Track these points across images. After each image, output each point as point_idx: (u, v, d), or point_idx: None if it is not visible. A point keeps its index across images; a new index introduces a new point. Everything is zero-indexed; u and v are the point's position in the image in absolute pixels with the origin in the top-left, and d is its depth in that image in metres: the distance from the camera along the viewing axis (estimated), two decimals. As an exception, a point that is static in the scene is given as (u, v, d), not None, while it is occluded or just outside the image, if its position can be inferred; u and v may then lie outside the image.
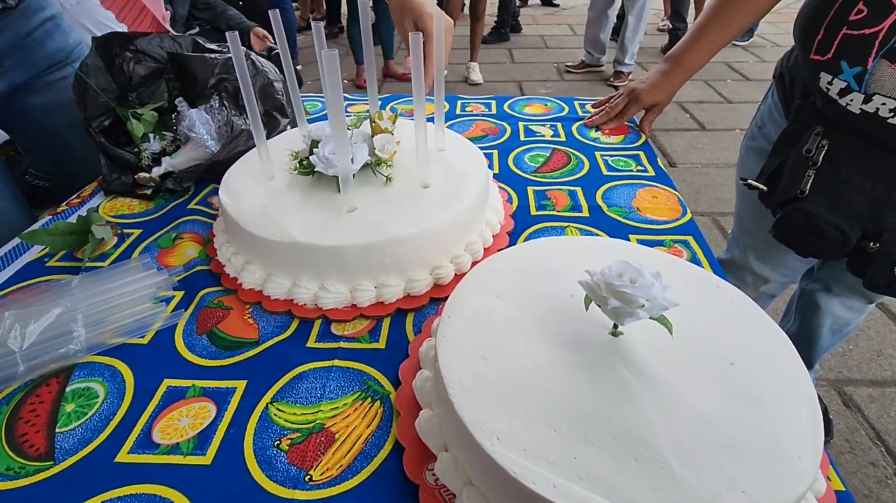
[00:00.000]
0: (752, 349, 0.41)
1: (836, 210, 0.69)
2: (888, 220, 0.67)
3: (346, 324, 0.57)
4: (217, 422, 0.47)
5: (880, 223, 0.67)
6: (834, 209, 0.69)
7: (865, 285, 0.70)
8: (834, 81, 0.64)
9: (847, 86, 0.63)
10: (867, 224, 0.68)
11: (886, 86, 0.60)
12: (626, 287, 0.38)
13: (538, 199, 0.78)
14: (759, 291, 1.09)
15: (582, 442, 0.35)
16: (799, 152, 0.71)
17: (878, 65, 0.59)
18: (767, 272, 1.03)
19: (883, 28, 0.59)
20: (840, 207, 0.69)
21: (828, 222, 0.68)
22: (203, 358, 0.53)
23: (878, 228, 0.67)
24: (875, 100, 0.61)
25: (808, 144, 0.70)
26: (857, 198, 0.68)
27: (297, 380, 0.51)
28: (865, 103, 0.62)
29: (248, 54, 0.90)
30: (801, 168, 0.71)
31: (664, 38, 4.31)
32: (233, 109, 0.83)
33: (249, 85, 0.61)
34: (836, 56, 0.64)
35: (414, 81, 0.57)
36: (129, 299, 0.58)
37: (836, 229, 0.68)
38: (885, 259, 0.67)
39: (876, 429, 1.32)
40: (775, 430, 0.35)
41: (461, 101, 1.13)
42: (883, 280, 0.68)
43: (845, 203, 0.68)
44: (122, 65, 0.83)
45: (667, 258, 0.52)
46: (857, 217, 0.68)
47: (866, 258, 0.69)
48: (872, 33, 0.60)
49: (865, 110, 0.63)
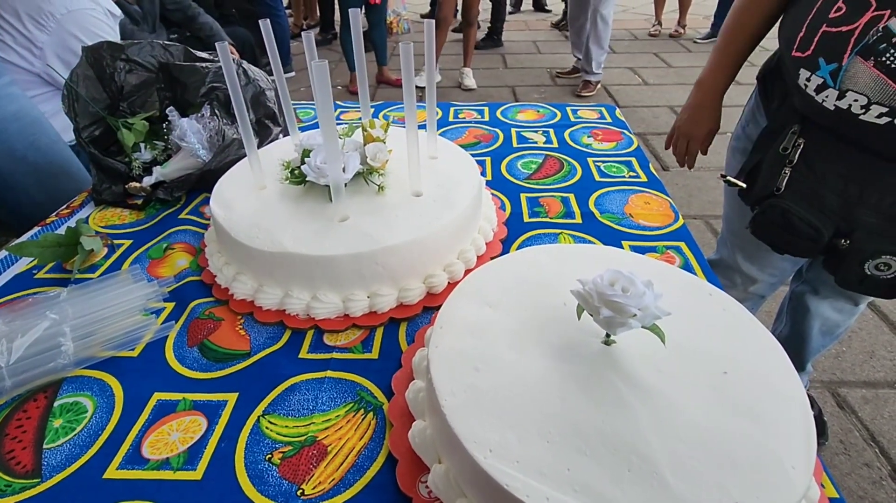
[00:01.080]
0: (744, 357, 0.41)
1: (810, 207, 0.70)
2: (860, 218, 0.68)
3: (339, 334, 0.57)
4: (208, 436, 0.46)
5: (852, 221, 0.68)
6: (809, 206, 0.70)
7: (837, 282, 0.71)
8: (812, 78, 0.65)
9: (823, 82, 0.64)
10: (839, 222, 0.69)
11: (859, 82, 0.61)
12: (617, 296, 0.38)
13: (531, 206, 0.78)
14: (747, 292, 1.10)
15: (575, 453, 0.35)
16: (776, 150, 0.72)
17: (853, 62, 0.60)
18: (755, 272, 1.04)
19: (859, 25, 0.60)
20: (814, 205, 0.70)
21: (802, 219, 0.69)
22: (194, 370, 0.53)
23: (849, 226, 0.69)
24: (848, 96, 0.62)
25: (785, 142, 0.71)
26: (831, 195, 0.69)
27: (289, 392, 0.50)
28: (839, 100, 0.63)
29: (239, 62, 0.90)
30: (777, 166, 0.72)
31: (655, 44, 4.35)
32: (224, 118, 0.83)
33: (240, 94, 0.61)
34: (815, 53, 0.65)
35: (405, 90, 0.57)
36: (118, 311, 0.58)
37: (809, 226, 0.69)
38: (855, 256, 0.68)
39: (870, 430, 1.33)
40: (769, 440, 0.35)
41: (454, 108, 1.13)
42: (854, 277, 0.69)
43: (819, 200, 0.70)
44: (113, 74, 0.83)
45: (659, 265, 0.52)
46: (830, 214, 0.69)
47: (838, 255, 0.70)
48: (849, 30, 0.61)
49: (839, 107, 0.64)
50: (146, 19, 2.01)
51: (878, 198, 0.67)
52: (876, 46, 0.58)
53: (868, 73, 0.59)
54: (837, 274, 0.71)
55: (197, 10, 2.20)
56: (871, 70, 0.59)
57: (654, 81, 3.57)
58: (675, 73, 3.70)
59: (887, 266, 0.67)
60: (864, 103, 0.61)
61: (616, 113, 1.09)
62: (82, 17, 1.40)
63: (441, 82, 3.66)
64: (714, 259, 1.13)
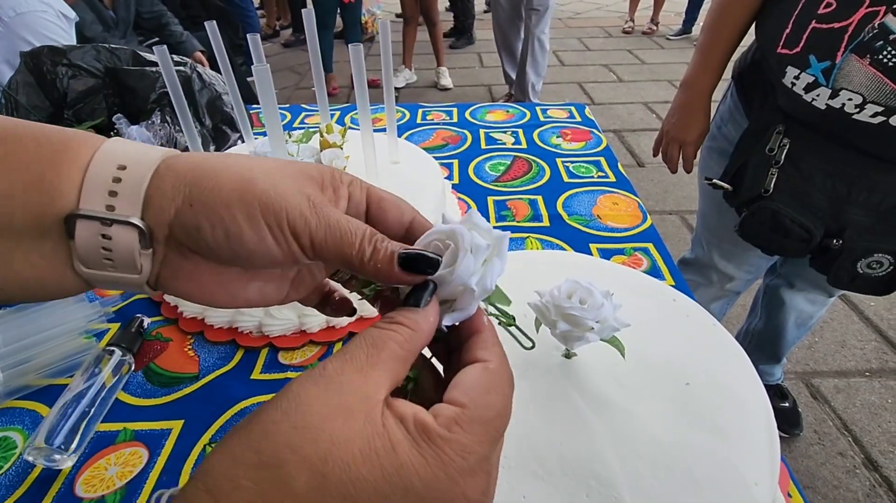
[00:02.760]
0: (707, 367, 0.40)
1: (800, 208, 0.69)
2: (849, 217, 0.67)
3: (295, 351, 0.54)
4: (148, 469, 0.43)
5: (842, 220, 0.68)
6: (799, 207, 0.69)
7: (830, 282, 0.71)
8: (801, 76, 0.64)
9: (814, 80, 0.62)
10: (829, 221, 0.68)
11: (854, 81, 0.59)
12: (574, 309, 0.36)
13: (498, 210, 0.77)
14: (724, 289, 1.10)
15: (532, 478, 0.33)
16: (761, 151, 0.71)
17: (847, 59, 0.59)
18: (732, 269, 1.04)
19: (852, 22, 0.58)
20: (804, 205, 0.69)
21: (793, 220, 0.68)
22: (137, 397, 0.49)
23: (839, 225, 0.68)
24: (842, 95, 0.60)
25: (771, 143, 0.70)
26: (819, 195, 0.68)
27: (240, 417, 0.47)
28: (832, 98, 0.62)
29: (193, 67, 0.86)
30: (764, 167, 0.71)
31: (628, 41, 4.40)
32: (176, 125, 0.79)
33: (183, 102, 0.57)
34: (805, 50, 0.63)
35: (357, 94, 0.55)
36: (56, 335, 0.54)
37: (801, 227, 0.68)
38: (848, 255, 0.68)
39: (843, 419, 1.35)
40: (732, 456, 0.34)
41: (422, 110, 1.11)
42: (846, 276, 0.69)
43: (808, 201, 0.69)
44: (55, 80, 0.78)
45: (623, 272, 0.50)
46: (819, 214, 0.68)
47: (830, 255, 0.69)
48: (842, 27, 0.59)
49: (831, 105, 0.62)
50: (119, 25, 1.94)
51: (867, 195, 0.66)
52: (872, 44, 0.56)
53: (863, 71, 0.58)
54: (829, 273, 0.70)
55: (170, 19, 2.15)
56: (867, 68, 0.57)
57: (629, 78, 3.60)
58: (648, 69, 3.73)
59: (879, 264, 0.67)
60: (858, 102, 0.59)
61: (586, 112, 1.08)
62: (32, 20, 1.34)
63: (416, 82, 3.64)
64: (689, 258, 1.13)
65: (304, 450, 0.16)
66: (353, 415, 0.17)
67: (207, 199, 0.20)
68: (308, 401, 0.17)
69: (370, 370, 0.18)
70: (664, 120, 0.95)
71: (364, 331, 0.20)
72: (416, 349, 0.20)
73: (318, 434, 0.16)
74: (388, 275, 0.21)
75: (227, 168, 0.21)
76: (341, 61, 3.80)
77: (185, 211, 0.20)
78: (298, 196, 0.21)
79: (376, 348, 0.19)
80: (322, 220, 0.21)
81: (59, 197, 0.19)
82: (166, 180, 0.20)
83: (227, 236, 0.20)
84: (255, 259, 0.21)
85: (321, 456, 0.16)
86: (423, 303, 0.21)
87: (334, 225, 0.21)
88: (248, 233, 0.20)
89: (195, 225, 0.20)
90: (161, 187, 0.20)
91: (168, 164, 0.20)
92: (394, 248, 0.21)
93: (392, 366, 0.19)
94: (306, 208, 0.21)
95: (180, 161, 0.21)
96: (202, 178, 0.20)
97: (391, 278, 0.21)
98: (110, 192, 0.19)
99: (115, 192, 0.19)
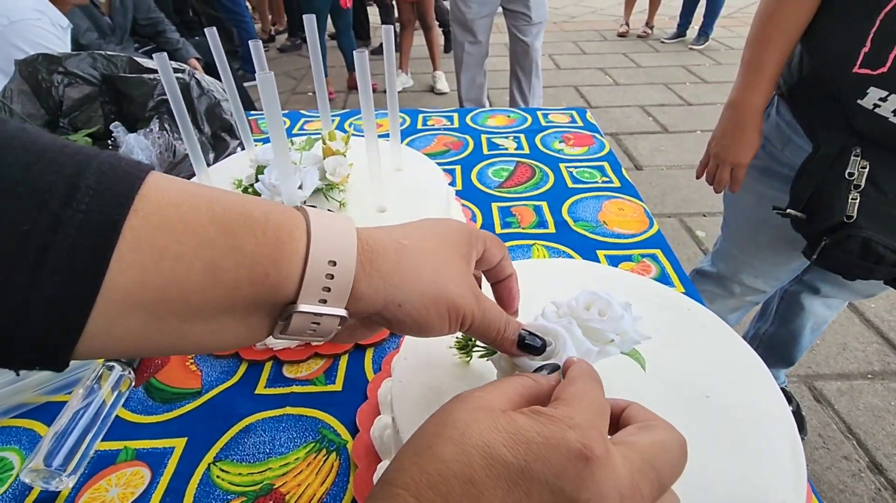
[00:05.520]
0: (727, 379, 0.39)
1: (888, 231, 0.65)
2: None
3: (300, 364, 0.53)
4: (151, 490, 0.42)
5: None
6: (887, 230, 0.65)
7: None
8: (890, 98, 0.60)
9: None
10: None
11: None
12: (594, 321, 0.35)
13: (503, 216, 0.76)
14: (745, 300, 1.09)
15: (552, 498, 0.32)
16: (839, 175, 0.67)
17: None
18: (759, 284, 1.03)
19: None
20: (891, 228, 0.66)
21: (886, 246, 0.65)
22: (138, 414, 0.48)
23: None
24: None
25: (850, 167, 0.66)
26: None
27: (244, 434, 0.46)
28: None
29: (192, 73, 0.85)
30: (842, 192, 0.67)
31: (624, 44, 4.42)
32: (175, 133, 0.78)
33: (184, 110, 0.56)
34: (895, 70, 0.58)
35: (362, 101, 0.54)
36: (53, 350, 0.52)
37: (894, 252, 0.65)
38: None
39: (847, 422, 1.35)
40: (756, 476, 0.33)
41: (423, 115, 1.10)
42: None
43: (895, 223, 0.66)
44: (50, 88, 0.77)
45: (636, 280, 0.49)
46: None
47: None
48: None
49: None
50: (115, 32, 1.93)
51: None
52: None
53: None
54: None
55: (167, 25, 2.14)
56: None
57: (625, 81, 3.62)
58: (644, 72, 3.75)
59: None
60: None
61: (587, 116, 1.08)
62: (26, 28, 1.32)
63: (413, 86, 3.63)
64: (709, 271, 1.11)
65: (448, 432, 0.21)
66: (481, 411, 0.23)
67: (414, 300, 0.26)
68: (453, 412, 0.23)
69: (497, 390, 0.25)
70: (711, 142, 0.90)
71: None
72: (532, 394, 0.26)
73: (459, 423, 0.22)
74: (509, 350, 0.31)
75: (422, 269, 0.27)
76: (337, 66, 3.80)
77: (394, 309, 0.26)
78: (471, 297, 0.28)
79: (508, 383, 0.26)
80: (480, 310, 0.28)
81: (281, 289, 0.23)
82: (374, 279, 0.25)
83: (419, 326, 0.27)
84: (426, 335, 0.28)
85: (461, 430, 0.21)
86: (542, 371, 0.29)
87: (487, 314, 0.29)
88: (436, 324, 0.27)
89: (399, 319, 0.26)
90: (372, 285, 0.25)
91: (371, 261, 0.25)
92: (516, 336, 0.30)
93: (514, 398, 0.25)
94: (474, 304, 0.28)
95: (386, 262, 0.26)
96: (404, 282, 0.26)
97: (511, 353, 0.31)
98: (324, 287, 0.23)
99: (329, 287, 0.23)
